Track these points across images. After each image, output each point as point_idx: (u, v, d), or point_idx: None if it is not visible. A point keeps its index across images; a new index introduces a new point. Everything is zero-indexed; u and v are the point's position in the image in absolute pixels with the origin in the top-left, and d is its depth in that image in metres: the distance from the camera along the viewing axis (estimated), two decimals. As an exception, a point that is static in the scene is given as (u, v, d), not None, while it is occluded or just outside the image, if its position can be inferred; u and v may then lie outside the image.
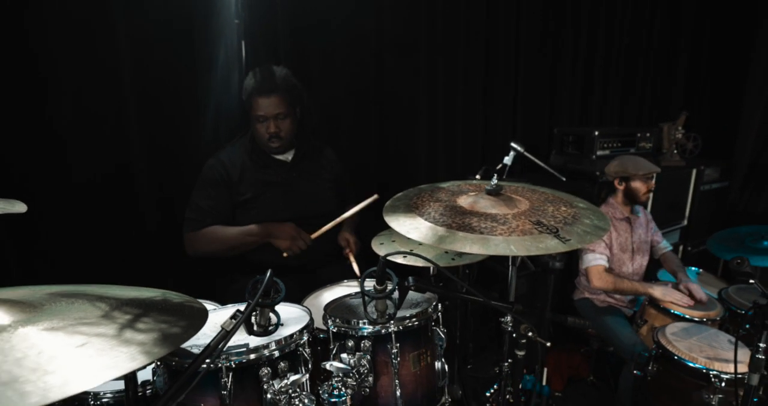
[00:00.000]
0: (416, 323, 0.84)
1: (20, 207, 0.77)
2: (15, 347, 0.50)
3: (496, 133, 2.64)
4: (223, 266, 1.47)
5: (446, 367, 0.90)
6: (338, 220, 1.32)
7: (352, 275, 1.35)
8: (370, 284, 0.73)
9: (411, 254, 0.74)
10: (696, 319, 1.68)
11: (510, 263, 0.95)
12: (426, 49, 2.26)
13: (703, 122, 3.71)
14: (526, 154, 1.86)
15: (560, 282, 2.23)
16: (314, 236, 1.31)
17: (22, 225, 1.31)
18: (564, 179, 2.11)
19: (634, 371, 1.66)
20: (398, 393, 0.82)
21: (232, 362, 0.71)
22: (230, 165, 1.39)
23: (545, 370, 2.15)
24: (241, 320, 0.61)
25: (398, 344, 0.82)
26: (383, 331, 0.83)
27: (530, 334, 0.77)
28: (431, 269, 1.45)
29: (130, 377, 0.70)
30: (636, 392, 1.65)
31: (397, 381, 0.82)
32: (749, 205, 3.45)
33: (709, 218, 3.03)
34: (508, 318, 0.86)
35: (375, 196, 1.30)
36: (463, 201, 0.86)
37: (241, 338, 0.74)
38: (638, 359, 1.65)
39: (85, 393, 0.88)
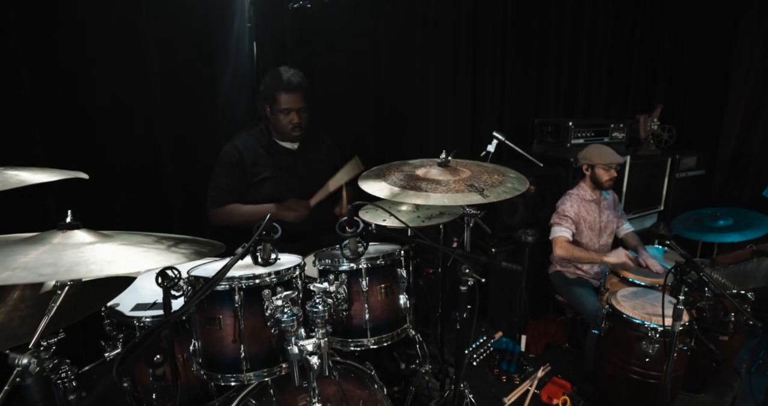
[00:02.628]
0: (382, 262, 1.11)
1: (83, 175, 1.05)
2: (97, 252, 0.78)
3: (483, 125, 2.87)
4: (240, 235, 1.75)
5: (408, 301, 1.16)
6: (328, 184, 1.59)
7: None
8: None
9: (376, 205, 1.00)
10: (644, 284, 1.91)
11: (465, 224, 1.20)
12: (420, 50, 2.50)
13: (687, 115, 3.87)
14: (507, 142, 2.11)
15: (539, 259, 2.46)
16: (312, 201, 1.59)
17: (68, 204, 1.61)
18: (541, 165, 2.35)
19: (593, 331, 1.90)
20: (367, 316, 1.09)
21: (243, 284, 0.99)
22: (244, 151, 1.66)
23: (524, 337, 2.40)
24: (248, 247, 0.88)
25: (368, 278, 1.08)
26: (356, 267, 1.08)
27: (467, 271, 1.02)
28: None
29: (168, 303, 0.97)
30: (595, 349, 1.88)
31: (366, 306, 1.08)
32: (734, 193, 3.60)
33: (686, 204, 3.21)
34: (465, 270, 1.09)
35: (355, 157, 1.57)
36: (420, 171, 1.12)
37: (250, 270, 1.02)
38: (596, 321, 1.89)
39: (132, 318, 1.17)
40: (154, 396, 1.21)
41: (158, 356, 0.82)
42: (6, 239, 0.84)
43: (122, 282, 1.04)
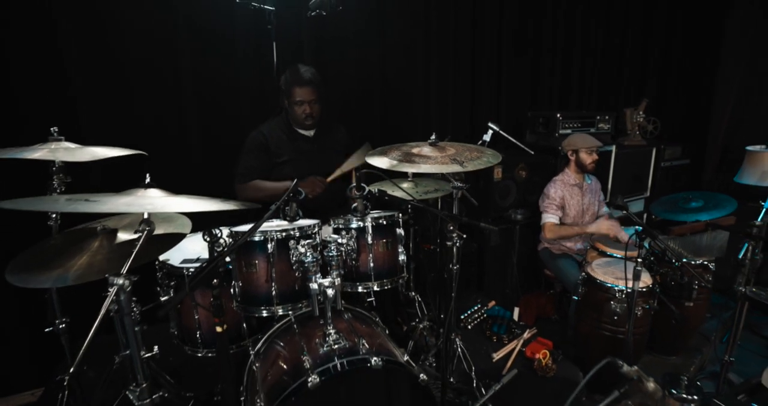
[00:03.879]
0: (384, 222, 1.38)
1: (143, 152, 1.33)
2: (165, 200, 1.05)
3: (481, 117, 3.10)
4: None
5: (405, 256, 1.42)
6: (342, 166, 1.85)
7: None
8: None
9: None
10: (618, 256, 2.14)
11: (454, 196, 1.45)
12: (422, 51, 2.76)
13: (678, 108, 4.06)
14: (500, 132, 2.36)
15: (530, 238, 2.69)
16: (329, 179, 1.85)
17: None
18: (532, 152, 2.61)
19: (573, 297, 2.14)
20: (371, 265, 1.35)
21: (274, 236, 1.26)
22: (269, 136, 1.93)
23: (516, 309, 2.65)
24: (279, 204, 1.15)
25: (372, 234, 1.34)
26: (363, 224, 1.34)
27: (450, 228, 1.28)
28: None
29: (213, 249, 1.24)
30: (575, 313, 2.12)
31: (371, 256, 1.34)
32: (723, 184, 3.79)
33: (671, 191, 3.42)
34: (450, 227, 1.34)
35: (366, 143, 1.82)
36: (414, 150, 1.38)
37: (279, 226, 1.28)
38: (576, 288, 2.13)
39: (181, 268, 1.44)
40: (197, 334, 1.49)
41: (215, 281, 1.10)
42: (107, 194, 1.12)
43: (174, 239, 1.31)
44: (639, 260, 1.63)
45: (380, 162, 1.30)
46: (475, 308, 2.42)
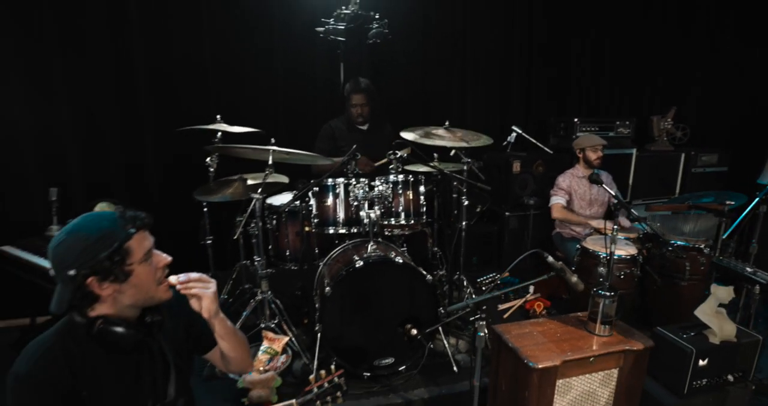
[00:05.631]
0: (412, 178, 2.06)
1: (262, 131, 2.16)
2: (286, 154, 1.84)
3: (510, 122, 3.62)
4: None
5: (425, 204, 2.09)
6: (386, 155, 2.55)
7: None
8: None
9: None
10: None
11: (464, 169, 2.08)
12: (459, 64, 3.43)
13: (721, 114, 4.06)
14: (523, 134, 2.94)
15: (543, 226, 3.15)
16: (376, 164, 2.57)
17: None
18: (551, 152, 3.11)
19: (571, 267, 2.58)
20: (401, 207, 2.03)
21: (341, 183, 2.02)
22: (335, 128, 2.72)
23: (532, 288, 3.10)
24: (345, 159, 1.90)
25: (402, 186, 2.03)
26: (396, 179, 2.03)
27: (456, 184, 1.91)
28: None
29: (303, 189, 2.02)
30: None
31: (401, 201, 2.02)
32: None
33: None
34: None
35: (409, 146, 2.51)
36: (433, 131, 2.06)
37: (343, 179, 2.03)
38: (573, 259, 2.56)
39: (279, 206, 2.24)
40: (287, 253, 2.26)
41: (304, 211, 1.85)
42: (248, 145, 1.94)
43: (277, 186, 2.12)
44: (615, 226, 2.06)
45: (409, 136, 2.02)
46: (491, 275, 2.94)
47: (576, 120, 3.20)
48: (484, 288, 2.84)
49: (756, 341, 1.66)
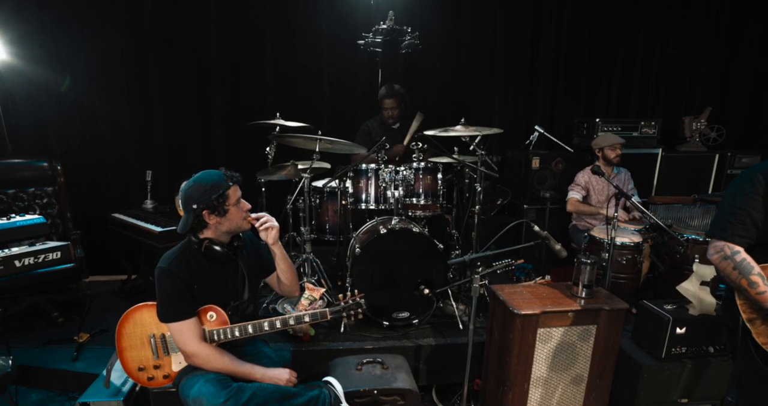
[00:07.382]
0: (431, 165, 2.43)
1: (311, 126, 2.64)
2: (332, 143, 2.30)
3: (535, 122, 3.85)
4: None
5: (443, 189, 2.45)
6: (409, 130, 2.93)
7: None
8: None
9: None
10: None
11: (478, 159, 2.41)
12: (488, 69, 3.75)
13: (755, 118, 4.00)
14: (545, 133, 3.21)
15: (560, 220, 3.35)
16: (405, 141, 2.95)
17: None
18: (572, 150, 3.32)
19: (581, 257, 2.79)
20: (421, 190, 2.40)
21: (371, 168, 2.45)
22: (371, 126, 3.17)
23: (548, 276, 3.32)
24: (375, 148, 2.31)
25: (422, 172, 2.40)
26: (417, 166, 2.40)
27: (475, 173, 2.24)
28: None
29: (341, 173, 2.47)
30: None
31: (421, 184, 2.39)
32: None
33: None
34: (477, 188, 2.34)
35: (419, 113, 2.88)
36: (452, 128, 2.42)
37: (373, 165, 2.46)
38: (584, 245, 2.77)
39: (321, 187, 2.71)
40: (326, 226, 2.72)
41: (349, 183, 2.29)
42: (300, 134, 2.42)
43: (321, 171, 2.59)
44: (616, 214, 2.29)
45: (429, 132, 2.40)
46: (506, 261, 3.20)
47: (597, 120, 3.38)
48: (498, 272, 3.11)
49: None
